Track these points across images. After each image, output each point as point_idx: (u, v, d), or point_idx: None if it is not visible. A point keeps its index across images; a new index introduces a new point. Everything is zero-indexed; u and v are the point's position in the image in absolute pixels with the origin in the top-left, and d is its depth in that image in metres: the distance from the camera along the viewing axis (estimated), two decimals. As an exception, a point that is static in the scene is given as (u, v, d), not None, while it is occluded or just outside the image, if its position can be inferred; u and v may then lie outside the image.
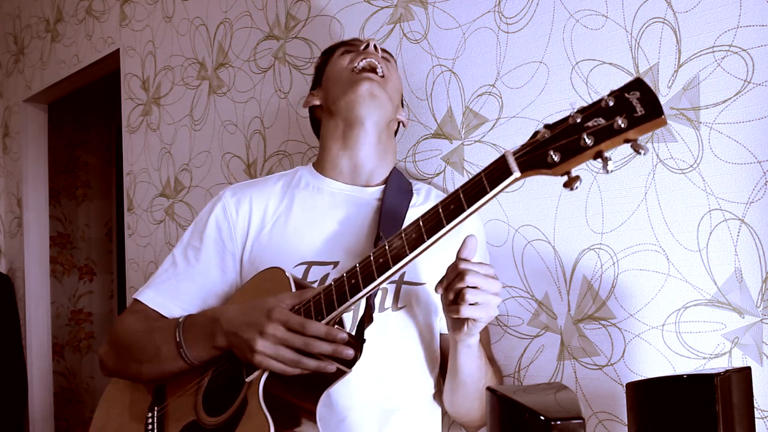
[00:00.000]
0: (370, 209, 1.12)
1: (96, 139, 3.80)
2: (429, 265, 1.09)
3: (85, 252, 3.75)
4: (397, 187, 1.15)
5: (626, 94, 0.70)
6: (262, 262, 1.07)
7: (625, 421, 1.05)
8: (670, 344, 1.04)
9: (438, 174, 1.33)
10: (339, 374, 0.95)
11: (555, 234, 1.18)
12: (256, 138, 1.73)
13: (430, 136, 1.35)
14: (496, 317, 1.23)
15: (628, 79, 1.08)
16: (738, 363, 0.98)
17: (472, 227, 1.17)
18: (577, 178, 0.73)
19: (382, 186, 1.16)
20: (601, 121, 0.70)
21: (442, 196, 1.19)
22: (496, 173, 0.78)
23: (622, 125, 0.69)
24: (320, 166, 1.19)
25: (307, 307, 0.93)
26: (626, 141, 0.70)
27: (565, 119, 0.73)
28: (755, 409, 0.95)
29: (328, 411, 1.03)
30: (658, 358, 1.06)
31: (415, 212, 1.12)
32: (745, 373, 0.83)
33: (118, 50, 2.31)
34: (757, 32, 0.97)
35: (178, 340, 1.02)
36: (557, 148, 0.73)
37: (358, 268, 0.90)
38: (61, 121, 3.61)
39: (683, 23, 1.04)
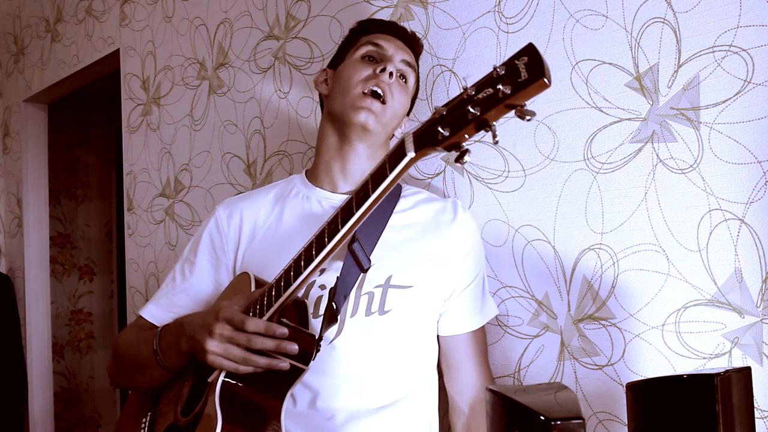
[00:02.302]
0: None
1: (96, 139, 3.79)
2: (416, 268, 1.10)
3: (85, 252, 3.75)
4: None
5: (516, 61, 0.68)
6: (253, 271, 1.10)
7: (625, 421, 1.05)
8: (670, 344, 1.04)
9: (438, 174, 1.33)
10: (298, 372, 0.97)
11: (555, 234, 1.18)
12: (256, 138, 1.73)
13: (430, 136, 1.35)
14: (496, 317, 1.23)
15: (629, 79, 1.09)
16: (738, 363, 0.98)
17: (463, 227, 1.17)
18: (467, 151, 0.73)
19: None
20: (490, 90, 0.69)
21: (432, 199, 1.19)
22: (395, 156, 0.79)
23: (507, 91, 0.67)
24: (313, 173, 1.21)
25: (255, 306, 0.96)
26: (510, 107, 0.68)
27: (460, 94, 0.73)
28: (755, 409, 0.95)
29: (314, 411, 1.06)
30: (658, 358, 1.06)
31: (399, 218, 1.14)
32: (745, 373, 0.83)
33: (118, 50, 2.31)
34: (757, 32, 0.97)
35: (155, 348, 1.07)
36: (447, 123, 0.73)
37: (291, 264, 0.93)
38: (61, 121, 3.61)
39: (683, 23, 1.04)
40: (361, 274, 1.05)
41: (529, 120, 0.68)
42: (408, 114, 1.26)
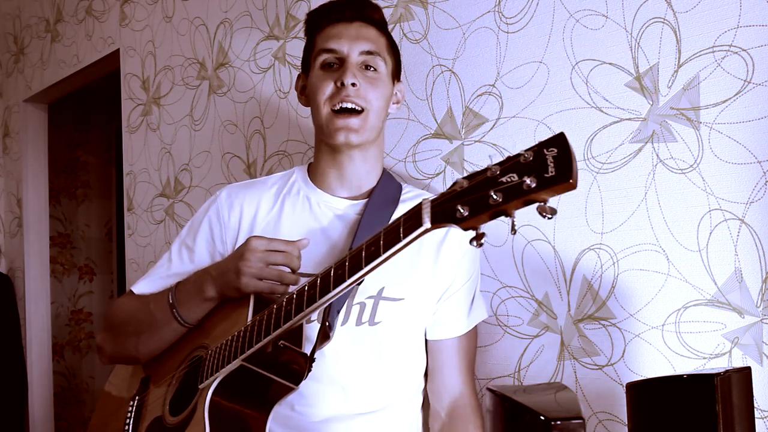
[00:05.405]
0: (350, 223, 1.13)
1: (96, 139, 3.79)
2: (407, 281, 1.10)
3: (85, 252, 3.75)
4: (383, 199, 1.15)
5: (545, 150, 0.64)
6: None
7: (625, 421, 1.05)
8: (670, 344, 1.04)
9: (438, 174, 1.33)
10: (287, 390, 0.98)
11: (555, 234, 1.17)
12: (256, 138, 1.73)
13: (430, 136, 1.35)
14: (496, 317, 1.23)
15: (629, 79, 1.09)
16: (738, 363, 0.98)
17: (461, 244, 1.14)
18: (483, 235, 0.71)
19: (367, 199, 1.15)
20: (515, 177, 0.66)
21: None
22: (410, 221, 0.76)
23: (531, 185, 0.64)
24: (313, 173, 1.19)
25: (260, 325, 0.94)
26: (532, 202, 0.66)
27: (484, 171, 0.70)
28: (755, 409, 0.95)
29: (296, 413, 1.07)
30: (658, 358, 1.06)
31: None
32: (745, 373, 0.83)
33: (118, 50, 2.31)
34: (757, 32, 0.97)
35: (171, 302, 1.08)
36: (467, 203, 0.70)
37: (293, 296, 0.91)
38: (61, 121, 3.61)
39: (683, 23, 1.04)
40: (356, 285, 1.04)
41: (549, 219, 0.65)
42: (399, 79, 1.20)
